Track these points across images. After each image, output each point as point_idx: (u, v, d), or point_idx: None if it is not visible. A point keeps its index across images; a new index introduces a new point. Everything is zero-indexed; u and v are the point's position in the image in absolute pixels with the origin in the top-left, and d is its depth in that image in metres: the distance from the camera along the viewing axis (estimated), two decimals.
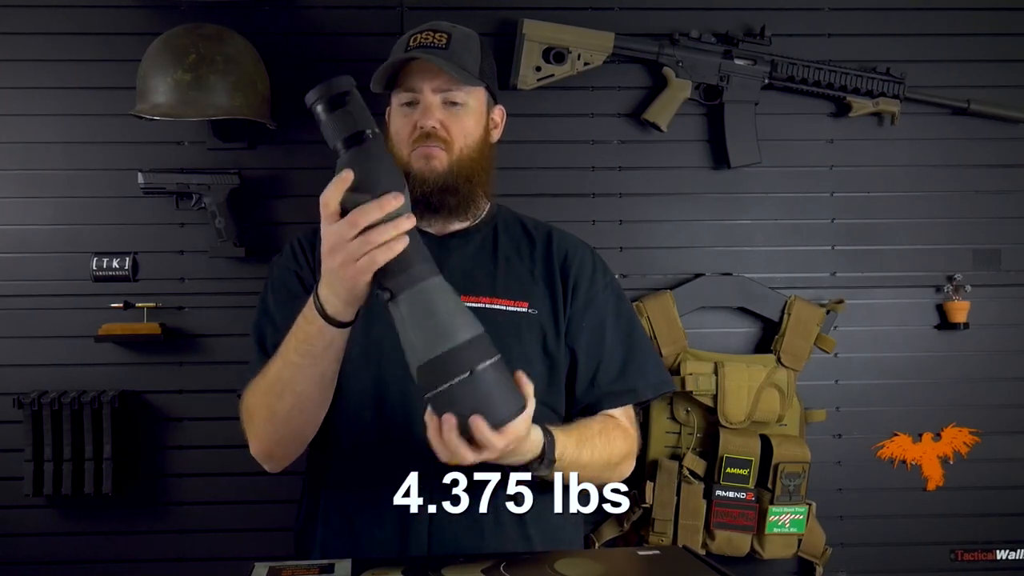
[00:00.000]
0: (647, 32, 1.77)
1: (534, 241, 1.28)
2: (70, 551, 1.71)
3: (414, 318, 0.89)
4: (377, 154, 0.92)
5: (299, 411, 1.10)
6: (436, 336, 0.88)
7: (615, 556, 1.15)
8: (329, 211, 0.91)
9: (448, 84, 1.19)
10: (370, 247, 0.89)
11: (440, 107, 1.19)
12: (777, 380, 1.71)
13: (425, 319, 0.89)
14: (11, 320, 1.72)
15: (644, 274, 1.78)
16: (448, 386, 0.87)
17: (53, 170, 1.73)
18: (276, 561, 0.94)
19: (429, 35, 1.20)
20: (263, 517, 1.72)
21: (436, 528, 1.13)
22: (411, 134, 1.19)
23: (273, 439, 1.14)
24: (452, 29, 1.22)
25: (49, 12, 1.73)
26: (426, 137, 1.18)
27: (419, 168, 1.18)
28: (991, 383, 1.82)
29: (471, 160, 1.20)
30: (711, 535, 1.70)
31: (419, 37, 1.21)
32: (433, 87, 1.19)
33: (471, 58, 1.21)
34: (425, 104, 1.19)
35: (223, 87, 1.54)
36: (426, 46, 1.19)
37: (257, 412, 1.13)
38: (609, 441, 1.18)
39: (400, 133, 1.21)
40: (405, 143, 1.20)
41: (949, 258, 1.82)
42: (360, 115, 0.92)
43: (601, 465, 1.16)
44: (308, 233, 1.27)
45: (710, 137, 1.80)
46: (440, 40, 1.19)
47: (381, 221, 0.89)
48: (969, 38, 1.83)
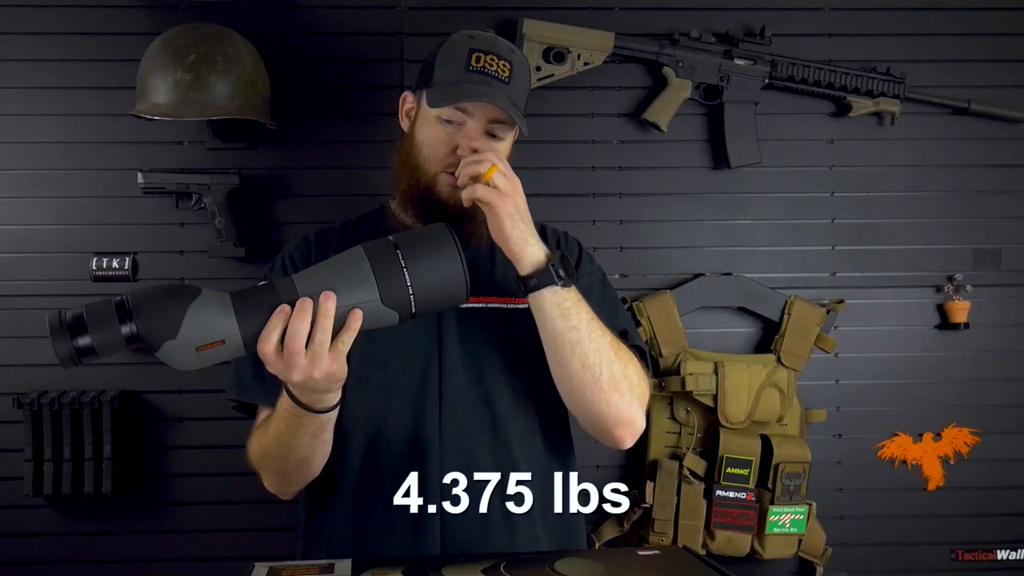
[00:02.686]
0: (647, 32, 1.77)
1: None
2: (70, 551, 1.71)
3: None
4: (212, 299, 0.86)
5: (307, 464, 1.12)
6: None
7: (615, 556, 1.15)
8: (270, 358, 0.89)
9: (500, 120, 1.15)
10: (314, 350, 0.88)
11: (482, 135, 1.16)
12: (777, 380, 1.71)
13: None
14: (11, 320, 1.72)
15: (644, 274, 1.78)
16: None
17: (53, 170, 1.73)
18: (276, 561, 0.94)
19: (493, 61, 1.15)
20: (263, 517, 1.71)
21: (448, 531, 1.12)
22: (447, 155, 1.15)
23: (286, 485, 1.17)
24: (512, 56, 1.17)
25: (49, 12, 1.73)
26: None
27: (444, 194, 1.15)
28: (991, 383, 1.82)
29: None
30: (711, 535, 1.70)
31: (484, 59, 1.15)
32: (486, 119, 1.15)
33: (524, 93, 1.19)
34: (470, 133, 1.15)
35: (223, 87, 1.54)
36: (489, 74, 1.14)
37: (264, 467, 1.15)
38: (621, 350, 1.12)
39: (435, 148, 1.16)
40: (437, 160, 1.16)
41: (949, 258, 1.82)
42: (150, 306, 0.84)
43: (610, 355, 1.09)
44: (299, 242, 1.26)
45: (710, 137, 1.80)
46: (503, 72, 1.15)
47: (309, 328, 0.87)
48: (969, 38, 1.83)
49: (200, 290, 0.85)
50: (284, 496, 1.20)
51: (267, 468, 1.15)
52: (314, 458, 1.11)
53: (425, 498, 1.12)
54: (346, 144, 1.76)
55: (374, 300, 0.88)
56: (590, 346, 1.07)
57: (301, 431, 1.05)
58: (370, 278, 0.88)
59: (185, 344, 0.83)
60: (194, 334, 0.83)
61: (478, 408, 1.15)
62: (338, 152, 1.76)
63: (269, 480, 1.17)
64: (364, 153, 1.76)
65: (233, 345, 0.85)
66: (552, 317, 1.07)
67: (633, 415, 1.12)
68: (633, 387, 1.12)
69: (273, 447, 1.10)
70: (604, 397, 1.09)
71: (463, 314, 1.16)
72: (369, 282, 0.88)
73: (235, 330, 0.84)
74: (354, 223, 1.29)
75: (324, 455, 1.12)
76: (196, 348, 0.84)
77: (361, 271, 0.88)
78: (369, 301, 0.88)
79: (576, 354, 1.07)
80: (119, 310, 0.82)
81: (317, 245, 1.24)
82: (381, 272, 0.88)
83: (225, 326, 0.84)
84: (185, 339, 0.83)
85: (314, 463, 1.12)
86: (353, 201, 1.72)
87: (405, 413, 1.14)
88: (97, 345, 0.81)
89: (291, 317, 0.86)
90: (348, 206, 1.70)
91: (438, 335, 1.16)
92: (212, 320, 0.84)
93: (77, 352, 0.81)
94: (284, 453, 1.09)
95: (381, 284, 0.88)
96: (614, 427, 1.12)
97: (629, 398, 1.11)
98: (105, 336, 0.81)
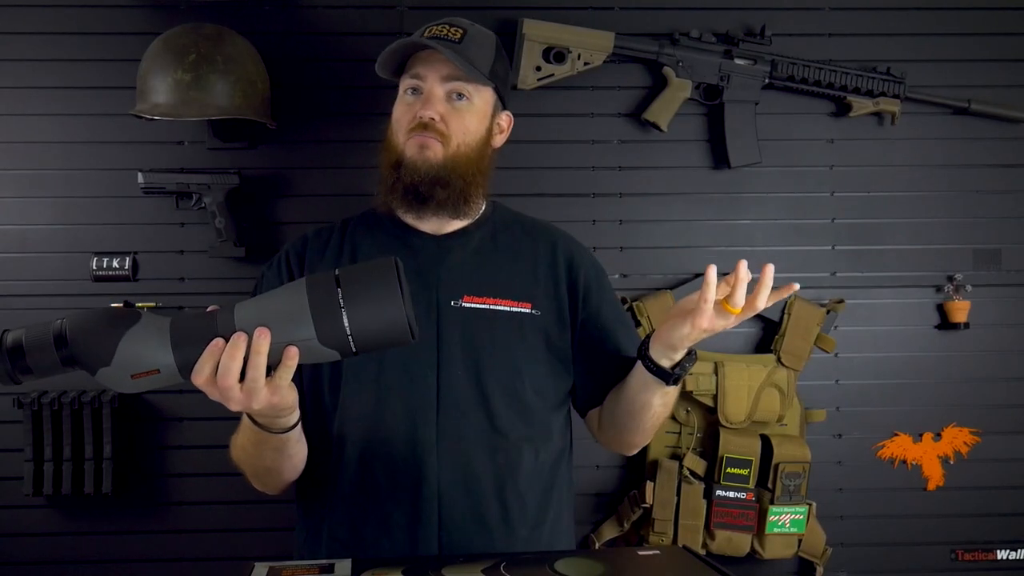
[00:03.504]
0: (647, 32, 1.77)
1: (535, 240, 1.26)
2: (70, 551, 1.71)
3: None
4: (150, 327, 0.84)
5: (276, 473, 1.12)
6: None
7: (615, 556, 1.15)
8: (206, 389, 0.87)
9: (454, 75, 1.17)
10: (248, 385, 0.86)
11: (443, 100, 1.18)
12: (777, 380, 1.71)
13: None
14: (11, 320, 1.69)
15: (644, 274, 1.78)
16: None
17: (53, 170, 1.73)
18: (276, 561, 0.94)
19: (444, 28, 1.19)
20: (263, 517, 1.72)
21: (445, 533, 1.12)
22: (410, 122, 1.18)
23: (263, 487, 1.18)
24: (470, 26, 1.21)
25: (49, 12, 1.73)
26: (424, 127, 1.16)
27: (412, 156, 1.17)
28: (991, 383, 1.82)
29: (468, 158, 1.18)
30: (711, 535, 1.70)
31: (434, 29, 1.19)
32: (439, 77, 1.17)
33: (483, 56, 1.20)
34: (428, 94, 1.17)
35: (223, 87, 1.54)
36: (439, 37, 1.17)
37: (242, 466, 1.15)
38: None
39: (400, 120, 1.20)
40: (403, 130, 1.18)
41: (949, 258, 1.82)
42: (86, 335, 0.83)
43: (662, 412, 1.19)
44: (297, 241, 1.26)
45: (710, 137, 1.80)
46: (455, 34, 1.18)
47: (241, 364, 0.85)
48: (969, 38, 1.83)
49: (139, 316, 0.84)
50: (269, 493, 1.19)
51: (244, 469, 1.15)
52: (282, 469, 1.11)
53: (422, 500, 1.12)
54: (346, 144, 1.76)
55: (310, 339, 0.84)
56: (663, 413, 1.18)
57: (263, 446, 1.05)
58: (307, 316, 0.84)
59: (119, 370, 0.83)
60: (128, 362, 0.83)
61: (476, 410, 1.15)
62: (338, 152, 1.76)
63: (249, 478, 1.17)
64: (364, 153, 1.75)
65: (169, 374, 0.85)
66: (660, 395, 1.14)
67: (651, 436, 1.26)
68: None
69: (243, 454, 1.11)
70: (647, 437, 1.23)
71: (464, 314, 1.16)
72: (306, 320, 0.84)
73: (170, 360, 0.84)
74: (355, 219, 1.29)
75: (294, 466, 1.12)
76: (131, 376, 0.83)
77: (300, 308, 0.84)
78: (305, 340, 0.84)
79: (652, 423, 1.18)
80: (55, 336, 0.82)
81: (314, 243, 1.24)
82: (318, 310, 0.83)
83: (160, 356, 0.83)
84: (119, 366, 0.82)
85: (283, 473, 1.12)
86: (353, 201, 1.72)
87: (401, 414, 1.14)
88: (34, 366, 0.83)
89: (222, 352, 0.84)
90: (348, 206, 1.69)
91: (437, 335, 1.15)
92: (147, 349, 0.83)
93: (16, 370, 0.83)
94: (253, 462, 1.11)
95: (318, 323, 0.83)
96: (637, 448, 1.26)
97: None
98: (42, 361, 0.83)
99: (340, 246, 1.23)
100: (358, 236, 1.24)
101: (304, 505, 1.21)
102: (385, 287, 0.84)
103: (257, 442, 1.04)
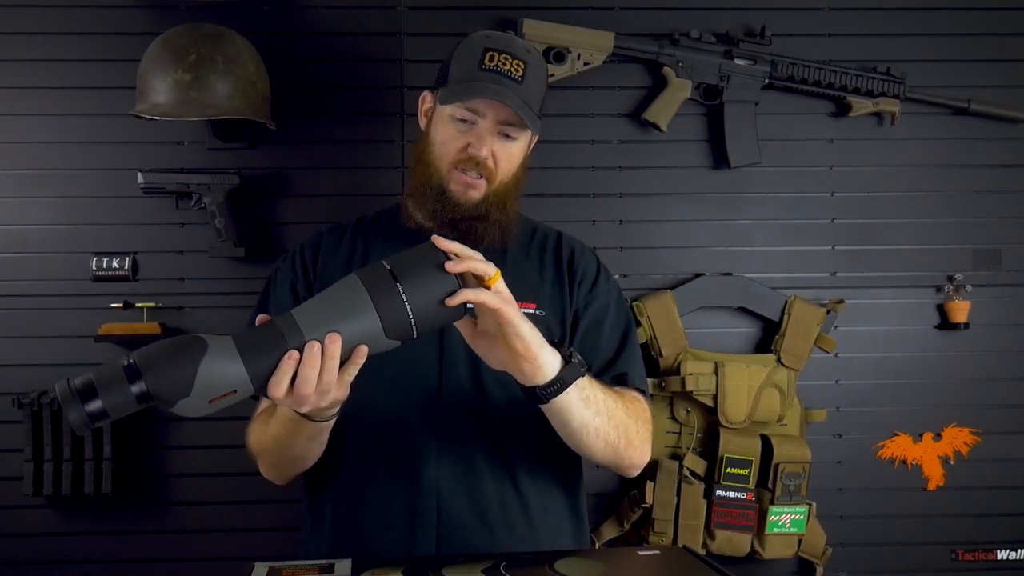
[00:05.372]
0: (647, 32, 1.77)
1: (543, 243, 1.27)
2: (70, 551, 1.71)
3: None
4: (221, 350, 0.85)
5: (303, 461, 1.14)
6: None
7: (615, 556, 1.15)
8: (280, 400, 0.89)
9: (512, 120, 1.15)
10: (322, 388, 0.88)
11: (494, 137, 1.16)
12: (777, 380, 1.71)
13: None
14: (11, 320, 1.72)
15: (644, 274, 1.78)
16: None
17: (53, 170, 1.73)
18: (276, 561, 0.94)
19: (507, 60, 1.15)
20: (263, 517, 1.72)
21: (444, 531, 1.12)
22: (459, 153, 1.16)
23: (281, 477, 1.19)
24: (527, 57, 1.17)
25: (49, 12, 1.73)
26: (474, 165, 1.15)
27: (456, 193, 1.16)
28: (991, 383, 1.82)
29: (507, 188, 1.19)
30: (711, 535, 1.70)
31: (497, 58, 1.15)
32: (497, 119, 1.15)
33: (538, 91, 1.18)
34: (481, 132, 1.15)
35: (223, 87, 1.54)
36: (502, 73, 1.14)
37: (261, 458, 1.17)
38: (629, 404, 1.14)
39: (447, 146, 1.17)
40: (448, 158, 1.17)
41: (949, 258, 1.82)
42: (165, 367, 0.83)
43: (623, 419, 1.11)
44: (312, 237, 1.27)
45: (710, 137, 1.80)
46: (517, 71, 1.15)
47: (318, 369, 0.87)
48: (969, 38, 1.83)
49: (207, 344, 0.85)
50: (278, 483, 1.21)
51: (264, 460, 1.17)
52: (309, 456, 1.13)
53: (420, 496, 1.12)
54: (346, 144, 1.76)
55: (378, 334, 0.88)
56: (610, 423, 1.09)
57: (299, 435, 1.06)
58: (372, 312, 0.87)
59: (199, 399, 0.84)
60: (207, 389, 0.83)
61: (478, 408, 1.15)
62: (338, 152, 1.76)
63: (264, 469, 1.19)
64: (364, 153, 1.76)
65: (243, 392, 0.86)
66: (579, 410, 1.04)
67: (643, 456, 1.18)
68: (640, 433, 1.16)
69: (271, 445, 1.12)
70: (620, 454, 1.13)
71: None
72: (371, 316, 0.87)
73: (245, 379, 0.85)
74: (369, 220, 1.29)
75: (319, 451, 1.13)
76: (208, 401, 0.84)
77: (362, 305, 0.87)
78: (374, 335, 0.88)
79: (600, 436, 1.09)
80: (127, 371, 0.82)
81: (328, 240, 1.25)
82: (382, 305, 0.87)
83: (236, 377, 0.84)
84: (199, 394, 0.83)
85: (308, 459, 1.14)
86: (353, 201, 1.72)
87: (404, 410, 1.15)
88: (109, 408, 0.81)
89: (300, 364, 0.86)
90: (348, 206, 1.70)
91: (440, 333, 1.15)
92: (223, 373, 0.84)
93: (90, 417, 0.81)
94: (281, 452, 1.12)
95: (384, 318, 0.87)
96: (627, 469, 1.18)
97: (639, 444, 1.15)
98: (117, 399, 0.81)
99: (352, 245, 1.25)
100: (371, 238, 1.25)
101: (310, 498, 1.23)
102: (437, 269, 0.88)
103: (295, 432, 1.05)
